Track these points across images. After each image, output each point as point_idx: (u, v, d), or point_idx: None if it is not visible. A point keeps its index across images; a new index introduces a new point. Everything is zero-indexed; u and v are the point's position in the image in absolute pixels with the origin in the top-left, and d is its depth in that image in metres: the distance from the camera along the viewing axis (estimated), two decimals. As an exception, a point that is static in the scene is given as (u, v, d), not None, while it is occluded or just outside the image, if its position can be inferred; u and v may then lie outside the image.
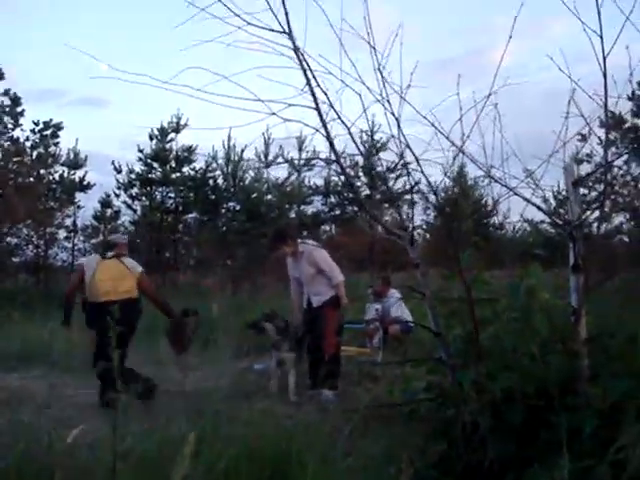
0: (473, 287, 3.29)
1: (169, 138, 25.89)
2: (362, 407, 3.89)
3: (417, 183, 3.70)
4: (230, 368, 7.92)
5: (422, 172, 3.49)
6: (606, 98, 3.54)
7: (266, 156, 24.99)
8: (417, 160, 3.43)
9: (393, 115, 3.35)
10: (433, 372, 3.65)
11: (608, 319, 3.89)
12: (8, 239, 22.56)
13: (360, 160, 21.36)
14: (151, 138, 25.84)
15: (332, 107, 3.48)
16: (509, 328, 3.29)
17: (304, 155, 25.18)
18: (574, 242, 3.42)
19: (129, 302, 7.09)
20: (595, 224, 4.18)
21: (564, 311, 3.41)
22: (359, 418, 3.85)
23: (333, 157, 3.74)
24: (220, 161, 24.97)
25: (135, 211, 26.54)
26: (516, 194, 3.53)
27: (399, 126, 3.37)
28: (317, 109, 3.51)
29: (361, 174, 23.89)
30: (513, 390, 3.03)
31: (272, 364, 7.57)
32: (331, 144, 3.58)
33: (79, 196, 26.28)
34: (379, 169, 12.18)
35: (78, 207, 26.24)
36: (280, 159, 24.92)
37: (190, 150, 25.87)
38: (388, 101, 3.35)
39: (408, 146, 3.38)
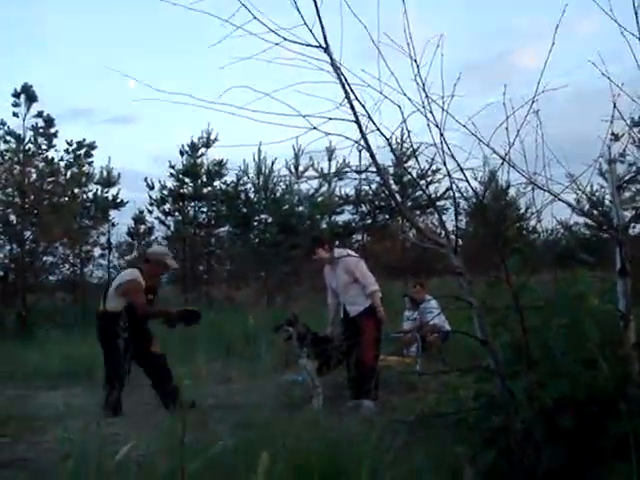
0: (520, 294, 3.27)
1: (200, 153, 26.10)
2: (412, 418, 3.88)
3: (459, 191, 3.69)
4: (271, 380, 7.93)
5: (466, 180, 3.49)
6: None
7: (296, 168, 25.09)
8: (461, 169, 3.43)
9: (437, 126, 3.35)
10: (481, 381, 3.63)
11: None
12: (45, 258, 22.84)
13: (390, 168, 21.29)
14: (182, 153, 26.10)
15: (371, 119, 3.50)
16: (558, 335, 3.27)
17: (334, 165, 25.25)
18: (620, 246, 3.38)
19: (101, 315, 7.59)
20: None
21: (613, 316, 3.37)
22: (406, 428, 3.84)
23: (372, 168, 3.75)
24: (251, 174, 25.09)
25: (168, 226, 26.79)
26: (561, 200, 3.51)
27: (442, 135, 3.37)
28: (357, 122, 3.53)
29: (391, 182, 23.82)
30: (565, 397, 3.00)
31: (302, 378, 7.62)
32: (372, 156, 3.59)
33: (113, 213, 26.62)
34: (410, 176, 12.17)
35: (112, 224, 26.57)
36: (310, 170, 24.99)
37: (221, 164, 26.05)
38: (431, 112, 3.35)
39: (452, 156, 3.37)
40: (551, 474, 3.01)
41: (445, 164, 3.47)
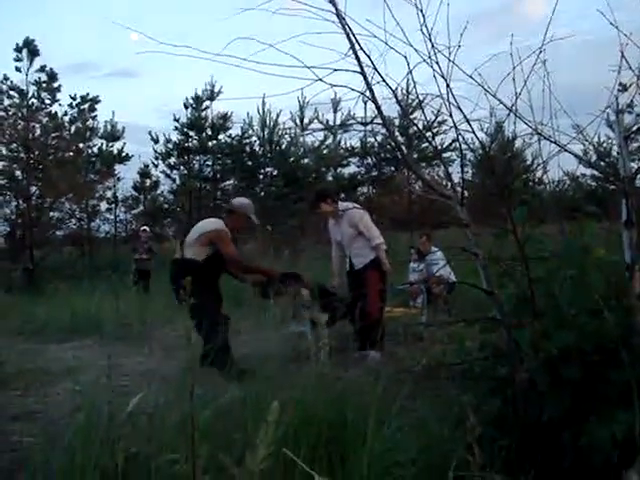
0: (526, 245, 3.27)
1: (204, 106, 25.97)
2: (418, 368, 3.92)
3: (465, 142, 3.67)
4: (278, 332, 7.98)
5: (473, 132, 3.46)
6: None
7: (301, 120, 24.95)
8: (467, 120, 3.40)
9: (443, 77, 3.32)
10: (487, 331, 3.65)
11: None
12: (51, 213, 22.91)
13: (396, 120, 21.11)
14: (186, 107, 25.99)
15: (376, 70, 3.46)
16: (564, 286, 3.28)
17: (339, 116, 25.10)
18: (627, 197, 3.37)
19: (173, 261, 7.25)
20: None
21: (619, 267, 3.38)
22: (412, 379, 3.88)
23: (377, 120, 3.72)
24: (256, 127, 24.99)
25: (174, 180, 26.82)
26: (567, 151, 3.48)
27: (448, 86, 3.34)
28: (362, 73, 3.49)
29: (397, 133, 23.65)
30: (569, 347, 3.02)
31: (307, 329, 7.54)
32: (378, 108, 3.57)
33: (118, 168, 26.65)
34: (417, 128, 12.11)
35: (118, 179, 26.62)
36: (315, 122, 24.84)
37: (225, 117, 25.93)
38: (437, 62, 3.31)
39: (459, 107, 3.35)
40: (554, 423, 3.05)
41: (451, 115, 3.44)
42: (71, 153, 22.96)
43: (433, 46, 3.39)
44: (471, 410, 2.65)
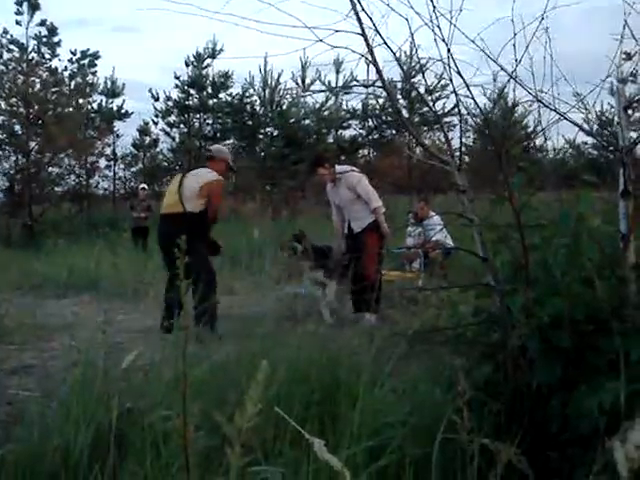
0: (522, 213, 3.27)
1: (205, 64, 25.77)
2: (411, 331, 3.95)
3: (466, 107, 3.65)
4: (274, 292, 8.03)
5: (472, 98, 3.45)
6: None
7: (303, 80, 24.76)
8: (467, 85, 3.38)
9: (443, 41, 3.29)
10: (481, 297, 3.67)
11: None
12: (50, 169, 22.84)
13: (399, 83, 20.95)
14: (187, 64, 25.80)
15: (378, 32, 3.43)
16: (558, 254, 3.29)
17: (341, 78, 24.92)
18: (624, 167, 3.36)
19: (171, 216, 6.87)
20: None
21: (614, 237, 3.38)
22: (405, 342, 3.92)
23: (378, 83, 3.69)
24: (257, 86, 24.84)
25: (173, 138, 26.72)
26: (567, 119, 3.47)
27: (449, 50, 3.31)
28: (363, 35, 3.46)
29: (399, 97, 23.49)
30: (562, 315, 3.04)
31: (319, 291, 7.59)
32: (378, 71, 3.54)
33: (118, 124, 26.52)
34: (419, 92, 12.02)
35: (117, 136, 26.50)
36: (317, 83, 24.67)
37: (226, 76, 25.74)
38: (439, 26, 3.28)
39: (459, 72, 3.32)
40: (544, 389, 3.09)
41: (451, 80, 3.42)
42: (71, 109, 22.80)
43: (434, 8, 3.35)
44: (462, 374, 2.69)
